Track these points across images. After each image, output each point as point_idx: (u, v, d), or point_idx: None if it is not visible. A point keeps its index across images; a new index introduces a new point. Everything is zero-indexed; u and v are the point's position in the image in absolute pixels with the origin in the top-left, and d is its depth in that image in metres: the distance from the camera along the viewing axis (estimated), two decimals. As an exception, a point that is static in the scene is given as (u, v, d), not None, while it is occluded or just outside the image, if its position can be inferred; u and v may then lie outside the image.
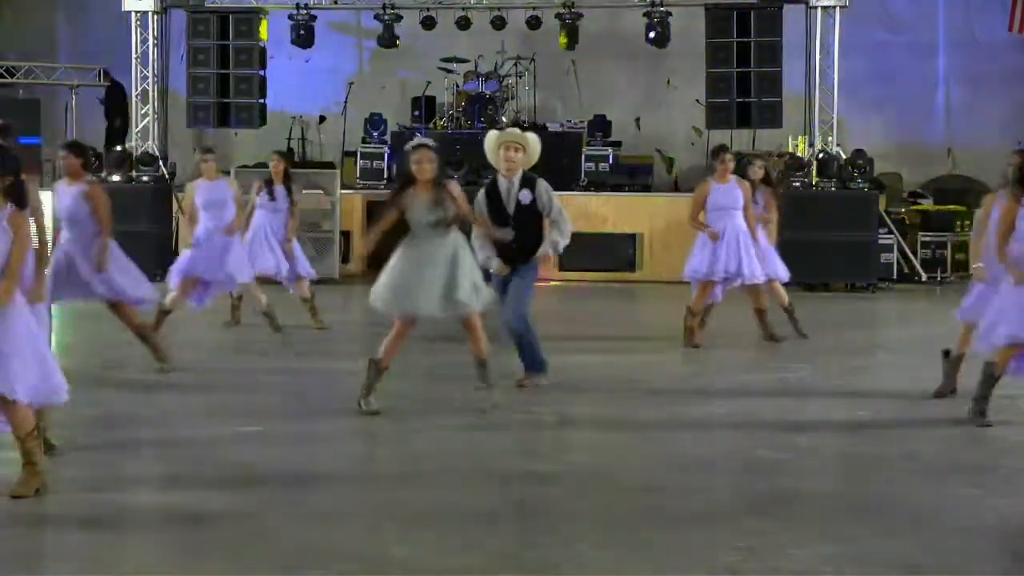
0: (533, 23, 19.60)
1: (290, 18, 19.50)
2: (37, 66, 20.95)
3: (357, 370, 10.96)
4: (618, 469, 7.41)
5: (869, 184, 17.93)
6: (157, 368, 10.23)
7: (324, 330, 12.81)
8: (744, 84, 18.52)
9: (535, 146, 9.54)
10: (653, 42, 19.16)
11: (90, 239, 9.71)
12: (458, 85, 20.52)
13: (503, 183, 9.46)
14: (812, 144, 18.34)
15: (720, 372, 10.96)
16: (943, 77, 21.49)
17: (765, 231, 12.43)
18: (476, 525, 6.21)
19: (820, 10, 18.20)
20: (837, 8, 18.13)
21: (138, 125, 19.26)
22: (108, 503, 6.57)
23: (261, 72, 19.56)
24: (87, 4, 22.14)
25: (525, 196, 9.39)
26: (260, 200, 12.84)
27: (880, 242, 17.85)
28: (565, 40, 19.45)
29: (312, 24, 19.56)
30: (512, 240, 9.31)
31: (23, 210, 6.62)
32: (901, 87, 21.03)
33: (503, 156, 9.40)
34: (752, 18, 18.47)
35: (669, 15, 18.98)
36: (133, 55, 19.13)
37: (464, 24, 19.50)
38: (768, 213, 12.53)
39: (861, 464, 7.67)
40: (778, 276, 12.42)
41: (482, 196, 9.53)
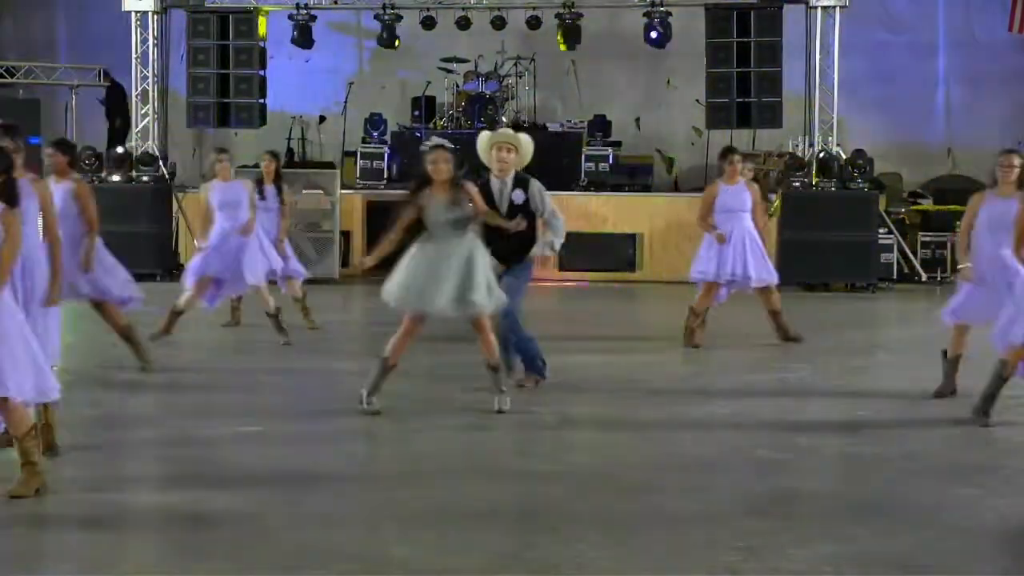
0: (533, 23, 19.60)
1: (290, 18, 19.49)
2: (37, 66, 20.95)
3: (357, 370, 10.98)
4: (618, 469, 7.40)
5: (869, 184, 17.93)
6: (140, 368, 10.21)
7: (316, 330, 12.80)
8: (744, 84, 18.51)
9: (527, 146, 9.52)
10: (654, 43, 19.15)
11: (77, 238, 9.60)
12: (458, 85, 20.53)
13: (495, 183, 9.44)
14: (812, 144, 18.34)
15: (720, 372, 10.96)
16: (943, 77, 21.50)
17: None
18: (476, 525, 6.21)
19: (820, 10, 18.20)
20: (837, 8, 18.13)
21: (138, 125, 19.26)
22: (108, 503, 6.56)
23: (261, 72, 19.56)
24: (87, 4, 22.13)
25: (518, 196, 9.37)
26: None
27: (880, 242, 17.86)
28: (563, 41, 19.43)
29: (312, 24, 19.56)
30: (507, 239, 9.29)
31: (14, 208, 6.61)
32: (901, 87, 21.03)
33: (495, 157, 9.38)
34: (752, 18, 18.47)
35: (669, 15, 18.99)
36: (133, 55, 19.12)
37: (464, 24, 19.50)
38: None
39: (861, 464, 7.67)
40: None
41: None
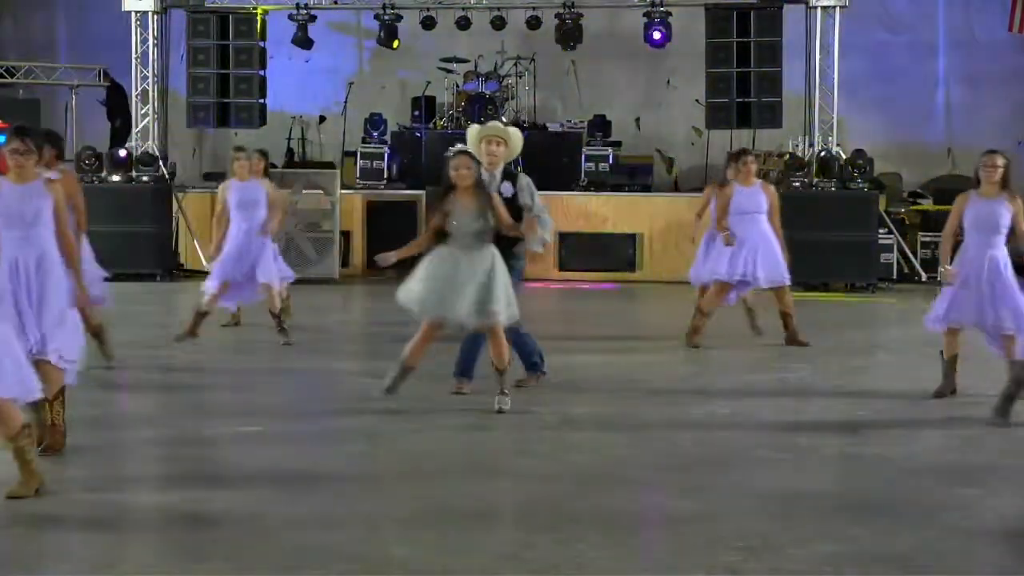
0: (533, 23, 19.58)
1: (290, 18, 19.49)
2: (37, 66, 20.94)
3: (357, 370, 11.02)
4: (618, 469, 7.40)
5: (869, 184, 17.92)
6: (105, 365, 10.12)
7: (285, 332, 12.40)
8: (744, 84, 18.50)
9: (517, 140, 9.50)
10: (657, 44, 19.14)
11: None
12: (458, 85, 20.52)
13: (484, 176, 9.37)
14: (812, 144, 18.33)
15: (720, 372, 10.96)
16: (943, 77, 21.49)
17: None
18: (476, 525, 6.21)
19: (820, 10, 18.19)
20: (837, 8, 18.12)
21: (138, 125, 19.25)
22: (108, 503, 6.56)
23: (261, 72, 19.55)
24: (87, 4, 22.12)
25: (507, 189, 9.34)
26: None
27: (880, 242, 17.84)
28: (561, 42, 19.39)
29: (312, 24, 19.55)
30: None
31: None
32: (901, 87, 21.03)
33: (484, 150, 9.34)
34: (752, 18, 18.46)
35: (669, 15, 18.98)
36: (133, 55, 19.11)
37: (464, 24, 19.49)
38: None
39: (861, 464, 7.67)
40: (718, 276, 12.35)
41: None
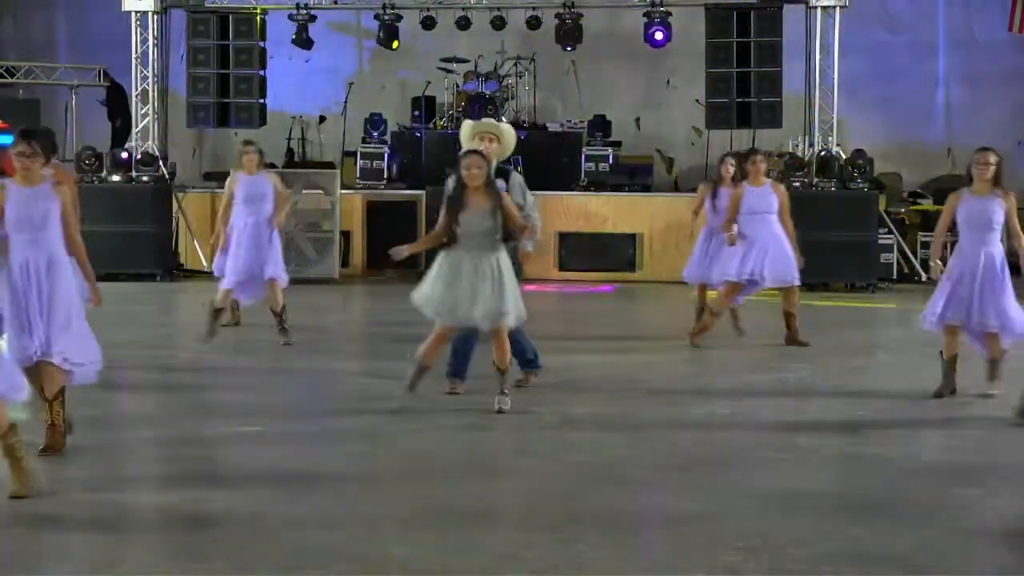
0: (533, 23, 19.59)
1: (290, 18, 19.49)
2: (37, 66, 20.95)
3: (357, 370, 11.02)
4: (618, 469, 7.40)
5: (869, 184, 17.93)
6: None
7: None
8: (744, 84, 18.52)
9: (510, 137, 9.46)
10: (658, 44, 19.13)
11: None
12: (458, 85, 20.52)
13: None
14: (812, 144, 18.33)
15: (720, 372, 10.95)
16: (943, 77, 21.51)
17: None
18: (476, 525, 6.21)
19: (820, 10, 18.19)
20: (837, 8, 18.13)
21: (138, 125, 19.26)
22: (108, 503, 6.56)
23: (261, 72, 19.56)
24: (87, 4, 22.13)
25: (499, 186, 9.32)
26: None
27: (880, 242, 17.85)
28: (561, 42, 19.40)
29: (312, 24, 19.56)
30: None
31: None
32: (901, 87, 21.05)
33: (477, 146, 9.32)
34: (752, 18, 18.48)
35: (669, 15, 18.98)
36: (133, 55, 19.11)
37: (464, 24, 19.50)
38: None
39: (861, 464, 7.66)
40: (728, 276, 12.36)
41: (452, 185, 9.46)
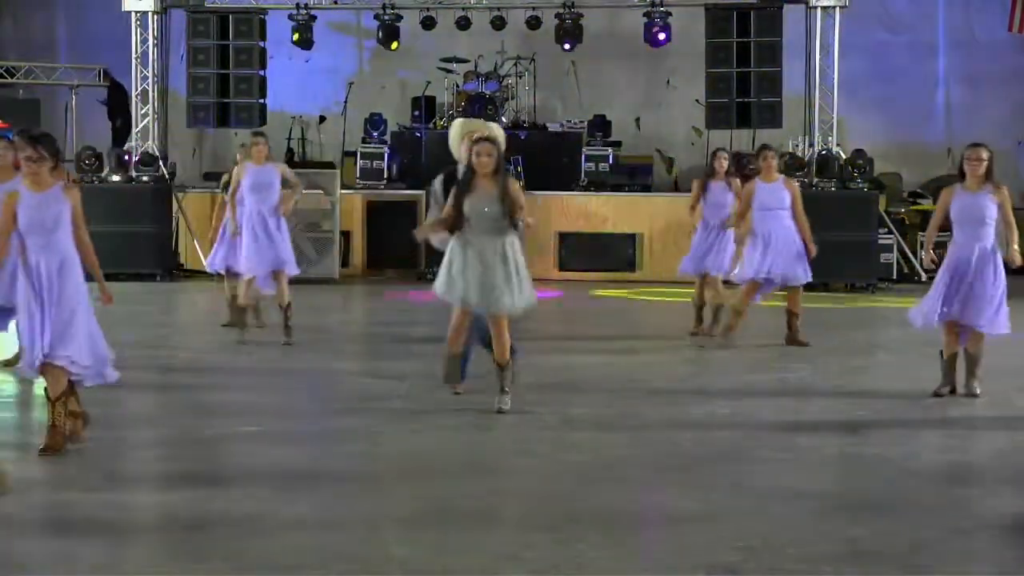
0: (533, 23, 19.60)
1: (290, 18, 19.49)
2: (37, 66, 20.96)
3: (357, 370, 11.02)
4: (618, 469, 7.40)
5: (869, 184, 17.93)
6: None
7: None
8: (744, 84, 18.52)
9: (500, 137, 9.45)
10: (659, 44, 19.13)
11: None
12: (458, 85, 20.52)
13: (463, 171, 9.32)
14: (812, 144, 18.33)
15: (720, 372, 10.95)
16: (943, 77, 21.51)
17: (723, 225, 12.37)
18: (476, 525, 6.21)
19: (820, 10, 18.20)
20: (837, 8, 18.13)
21: (138, 125, 19.26)
22: (108, 503, 6.56)
23: (261, 72, 19.56)
24: (87, 4, 22.13)
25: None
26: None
27: (880, 242, 17.85)
28: (560, 42, 19.40)
29: (312, 24, 19.56)
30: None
31: None
32: (901, 87, 21.05)
33: (466, 146, 9.28)
34: (752, 18, 18.49)
35: (669, 15, 18.99)
36: (133, 55, 19.12)
37: (464, 24, 19.50)
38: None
39: (861, 464, 7.67)
40: (722, 271, 12.35)
41: (439, 184, 9.43)
